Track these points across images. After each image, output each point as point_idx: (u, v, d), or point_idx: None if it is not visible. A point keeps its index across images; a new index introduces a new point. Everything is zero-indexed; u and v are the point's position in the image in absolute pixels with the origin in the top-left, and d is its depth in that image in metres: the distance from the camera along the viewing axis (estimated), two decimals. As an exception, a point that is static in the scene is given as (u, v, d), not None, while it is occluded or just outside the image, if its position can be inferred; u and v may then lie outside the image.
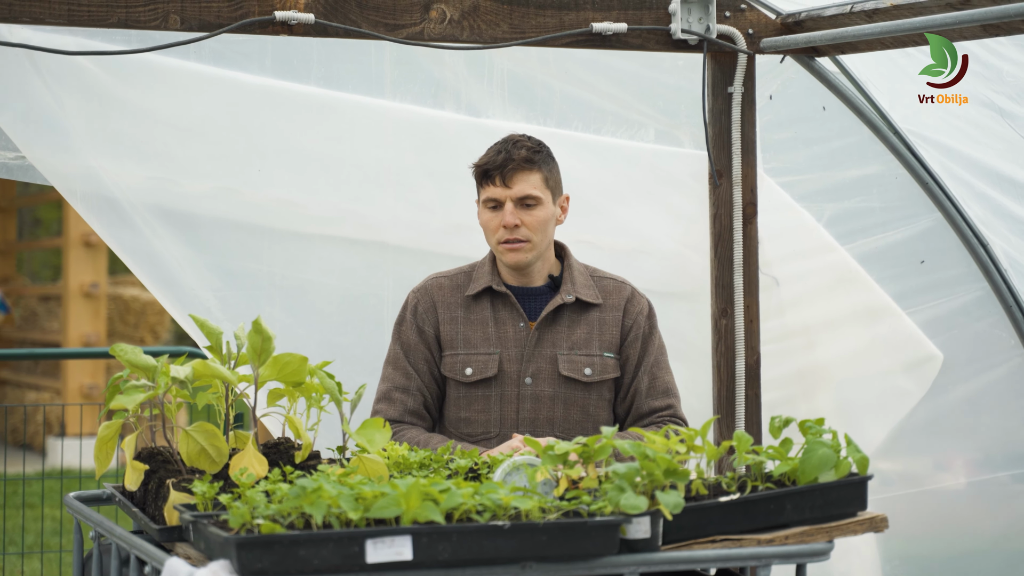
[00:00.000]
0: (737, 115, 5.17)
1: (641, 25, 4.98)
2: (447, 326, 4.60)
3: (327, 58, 5.09)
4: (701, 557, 3.38)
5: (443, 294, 4.63)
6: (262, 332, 3.60)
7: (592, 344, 4.59)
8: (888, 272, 5.57)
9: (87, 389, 13.54)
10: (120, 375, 3.66)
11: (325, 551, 3.06)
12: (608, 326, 4.61)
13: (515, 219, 4.50)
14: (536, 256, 4.56)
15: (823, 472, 3.52)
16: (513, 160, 4.50)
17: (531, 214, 4.52)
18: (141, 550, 3.52)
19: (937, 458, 5.90)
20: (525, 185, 4.51)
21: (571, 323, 4.59)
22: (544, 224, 4.53)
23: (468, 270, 4.68)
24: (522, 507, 3.20)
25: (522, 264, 4.56)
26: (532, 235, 4.52)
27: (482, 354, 4.57)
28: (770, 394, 5.32)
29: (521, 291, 4.62)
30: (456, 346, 4.59)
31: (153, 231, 4.98)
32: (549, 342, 4.58)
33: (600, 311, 4.62)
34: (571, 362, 4.57)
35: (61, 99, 4.83)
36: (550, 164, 4.57)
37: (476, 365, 4.57)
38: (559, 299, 4.58)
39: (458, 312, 4.61)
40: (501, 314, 4.60)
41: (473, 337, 4.58)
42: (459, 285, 4.64)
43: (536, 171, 4.52)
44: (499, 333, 4.58)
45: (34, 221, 18.64)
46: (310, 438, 3.70)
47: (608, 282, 4.68)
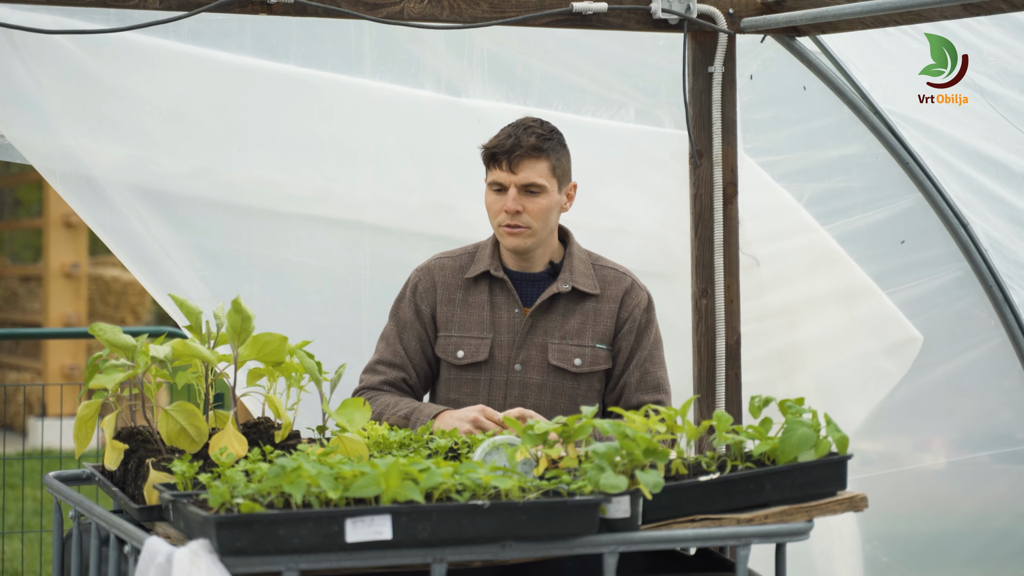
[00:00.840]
0: (718, 95, 5.16)
1: (621, 5, 4.97)
2: (444, 307, 4.60)
3: (306, 37, 5.08)
4: (681, 536, 3.38)
5: (444, 275, 4.62)
6: (242, 312, 3.60)
7: (585, 334, 4.57)
8: (868, 252, 5.58)
9: (68, 369, 13.51)
10: (100, 355, 3.65)
11: (305, 530, 3.06)
12: (603, 317, 4.58)
13: (517, 205, 4.48)
14: (536, 243, 4.54)
15: (803, 452, 3.52)
16: (521, 146, 4.46)
17: (534, 201, 4.49)
18: (121, 529, 3.51)
19: (917, 438, 5.92)
20: (531, 172, 4.47)
21: (565, 312, 4.57)
22: (546, 212, 4.51)
23: (472, 251, 4.66)
24: (502, 486, 3.20)
25: (521, 249, 4.54)
26: (533, 222, 4.49)
27: (475, 338, 4.56)
28: (750, 374, 5.32)
29: (520, 276, 4.60)
30: (451, 328, 4.58)
31: (133, 211, 4.97)
32: (542, 330, 4.56)
33: (596, 301, 4.59)
34: (562, 351, 4.55)
35: (39, 78, 4.81)
36: (559, 152, 4.53)
37: (468, 348, 4.56)
38: (555, 287, 4.55)
39: (456, 294, 4.60)
40: (498, 299, 4.58)
41: (468, 320, 4.57)
42: (462, 267, 4.63)
43: (543, 159, 4.49)
44: (494, 318, 4.57)
45: (14, 201, 18.59)
46: (290, 418, 3.69)
47: (609, 272, 4.64)
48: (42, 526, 7.57)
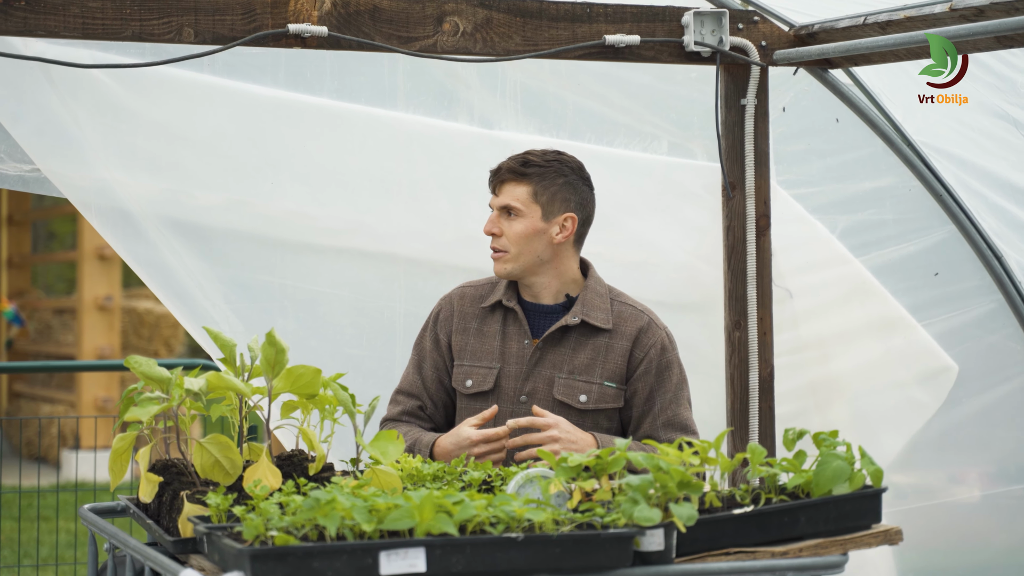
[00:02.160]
0: (750, 127, 5.16)
1: (654, 37, 4.98)
2: (459, 336, 4.59)
3: (340, 70, 5.10)
4: (715, 569, 3.36)
5: (464, 304, 4.62)
6: (276, 344, 3.61)
7: (594, 371, 4.51)
8: (902, 285, 5.56)
9: (101, 402, 13.56)
10: (134, 387, 3.66)
11: (339, 563, 3.06)
12: (614, 354, 4.51)
13: (494, 228, 4.49)
14: (519, 269, 4.49)
15: (837, 484, 3.51)
16: (502, 170, 4.49)
17: (510, 224, 4.47)
18: (155, 562, 3.52)
19: (951, 471, 5.89)
20: (507, 196, 4.47)
21: (576, 346, 4.52)
22: (523, 238, 4.46)
23: (496, 281, 4.64)
24: (535, 519, 3.20)
25: (503, 275, 4.51)
26: (510, 246, 4.47)
27: (483, 367, 4.54)
28: (784, 407, 5.30)
29: (534, 308, 4.56)
30: (463, 357, 4.58)
31: (166, 243, 4.99)
32: (550, 363, 4.51)
33: (608, 337, 4.52)
34: (568, 387, 4.50)
35: (75, 112, 4.84)
36: (550, 179, 4.47)
37: (476, 378, 4.54)
38: (564, 320, 4.51)
39: (472, 323, 4.59)
40: (510, 329, 4.56)
41: (480, 350, 4.56)
42: (482, 296, 4.62)
43: (523, 183, 4.45)
44: (504, 348, 4.54)
45: (48, 234, 18.68)
46: (324, 450, 3.70)
47: (626, 308, 4.57)
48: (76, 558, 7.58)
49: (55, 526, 9.05)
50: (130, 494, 3.98)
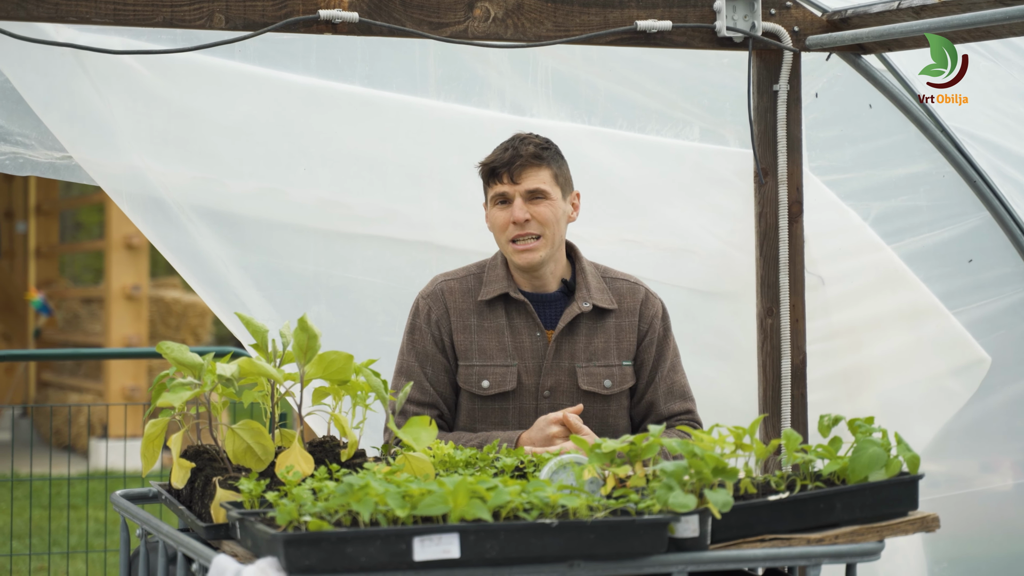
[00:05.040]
0: (782, 113, 5.14)
1: (686, 23, 4.96)
2: (461, 335, 4.49)
3: (371, 57, 5.09)
4: (750, 556, 3.35)
5: (454, 299, 4.52)
6: (308, 330, 3.59)
7: (610, 354, 4.49)
8: (935, 272, 5.54)
9: (129, 391, 13.59)
10: (166, 373, 3.66)
11: (372, 548, 3.05)
12: (625, 332, 4.51)
13: (525, 213, 4.40)
14: (548, 254, 4.44)
15: (873, 471, 3.49)
16: (521, 156, 4.42)
17: (541, 207, 4.41)
18: (188, 547, 3.52)
19: (984, 460, 5.86)
20: (534, 180, 4.42)
21: (588, 332, 4.49)
22: (555, 219, 4.43)
23: (476, 271, 4.56)
24: (570, 505, 3.19)
25: (534, 264, 4.44)
26: (544, 229, 4.41)
27: (499, 366, 4.47)
28: (815, 394, 5.29)
29: (535, 298, 4.51)
30: (471, 356, 4.48)
31: (198, 231, 4.98)
32: (567, 353, 4.48)
33: (616, 317, 4.51)
34: (590, 375, 4.47)
35: (107, 98, 4.83)
36: (559, 161, 4.48)
37: (493, 378, 4.46)
38: (575, 308, 4.47)
39: (471, 320, 4.49)
40: (516, 322, 4.49)
41: (488, 347, 4.48)
42: (469, 289, 4.53)
43: (545, 167, 4.43)
44: (515, 343, 4.47)
45: (76, 224, 18.76)
46: (356, 436, 3.69)
47: (621, 284, 4.56)
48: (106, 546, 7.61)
49: (84, 514, 9.07)
50: (161, 480, 3.98)
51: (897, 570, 5.64)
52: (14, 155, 4.87)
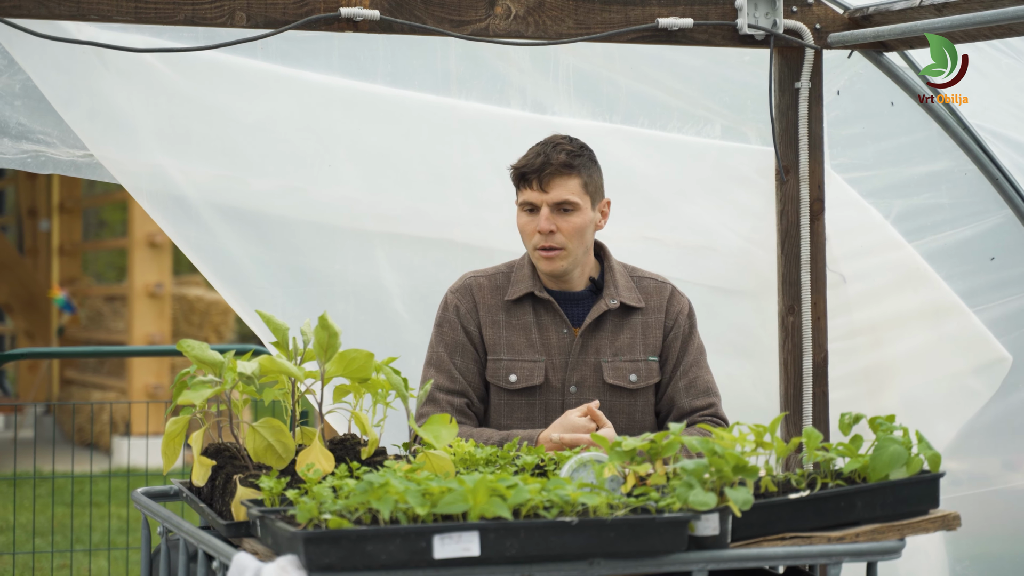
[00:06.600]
0: (804, 111, 5.13)
1: (707, 20, 4.95)
2: (489, 329, 4.50)
3: (393, 55, 5.09)
4: (771, 554, 3.35)
5: (483, 295, 4.53)
6: (328, 328, 3.60)
7: (636, 349, 4.50)
8: (957, 269, 5.52)
9: (152, 389, 13.62)
10: (187, 371, 3.66)
11: (392, 546, 3.06)
12: (651, 329, 4.52)
13: (551, 225, 4.39)
14: (572, 264, 4.45)
15: (894, 469, 3.48)
16: (551, 164, 4.38)
17: (568, 220, 4.39)
18: (209, 545, 3.52)
19: (1006, 458, 5.85)
20: (562, 190, 4.38)
21: (614, 328, 4.50)
22: (581, 231, 4.41)
23: (506, 270, 4.57)
24: (590, 503, 3.19)
25: (558, 272, 4.45)
26: (567, 242, 4.40)
27: (527, 361, 4.47)
28: (836, 392, 5.28)
29: (562, 296, 4.52)
30: (499, 351, 4.49)
31: (220, 229, 4.99)
32: (593, 349, 4.48)
33: (643, 314, 4.52)
34: (616, 369, 4.48)
35: (129, 96, 4.84)
36: (590, 168, 4.44)
37: (521, 372, 4.47)
38: (603, 305, 4.48)
39: (499, 316, 4.51)
40: (543, 319, 4.50)
41: (517, 343, 4.48)
42: (498, 286, 4.54)
43: (575, 176, 4.40)
44: (543, 339, 4.48)
45: (99, 222, 18.79)
46: (376, 434, 3.69)
47: (648, 282, 4.58)
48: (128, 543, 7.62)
49: (107, 512, 9.10)
50: (182, 478, 3.98)
51: (918, 568, 5.63)
52: (36, 153, 4.88)
